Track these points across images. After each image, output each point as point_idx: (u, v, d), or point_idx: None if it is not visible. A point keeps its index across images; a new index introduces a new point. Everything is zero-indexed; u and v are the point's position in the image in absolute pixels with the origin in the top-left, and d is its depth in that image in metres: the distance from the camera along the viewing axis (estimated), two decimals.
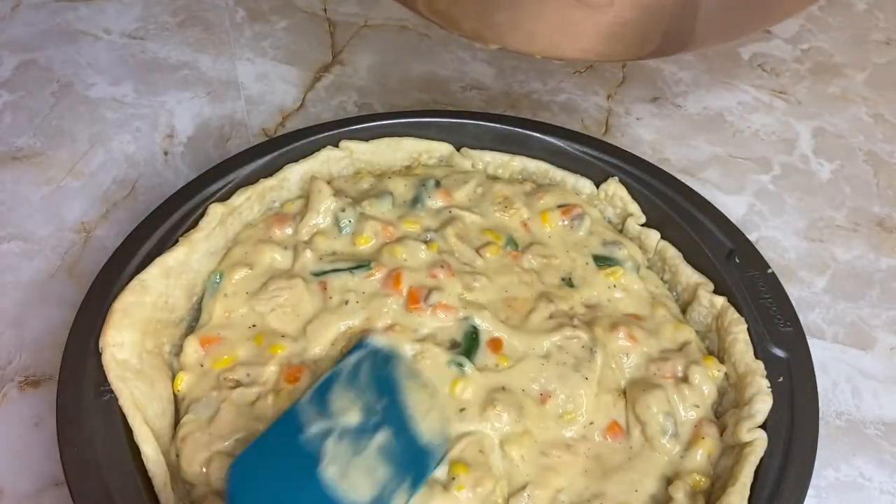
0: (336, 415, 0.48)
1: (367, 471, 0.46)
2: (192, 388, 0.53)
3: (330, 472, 0.45)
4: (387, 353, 0.53)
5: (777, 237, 0.72)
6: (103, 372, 0.50)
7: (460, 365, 0.53)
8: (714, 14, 0.51)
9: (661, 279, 0.63)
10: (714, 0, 0.50)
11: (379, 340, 0.53)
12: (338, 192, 0.63)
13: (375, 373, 0.51)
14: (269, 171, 0.63)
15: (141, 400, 0.50)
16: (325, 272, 0.58)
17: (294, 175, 0.64)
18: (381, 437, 0.48)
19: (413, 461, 0.48)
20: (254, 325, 0.56)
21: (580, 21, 0.50)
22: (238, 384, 0.53)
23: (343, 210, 0.61)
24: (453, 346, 0.55)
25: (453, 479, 0.48)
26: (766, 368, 0.54)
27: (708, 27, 0.52)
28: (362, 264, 0.58)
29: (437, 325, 0.56)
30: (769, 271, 0.59)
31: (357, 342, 0.53)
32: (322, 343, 0.54)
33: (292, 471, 0.45)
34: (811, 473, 0.49)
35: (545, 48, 0.54)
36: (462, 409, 0.52)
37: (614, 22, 0.49)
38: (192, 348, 0.55)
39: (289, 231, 0.61)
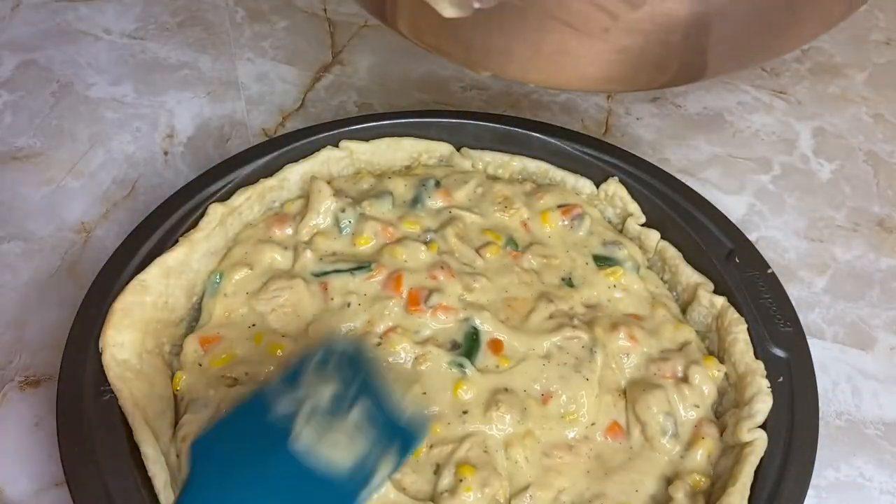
0: (307, 391, 0.43)
1: (346, 439, 0.42)
2: (190, 387, 0.53)
3: (302, 442, 0.41)
4: (354, 349, 0.48)
5: (777, 237, 0.72)
6: (103, 372, 0.50)
7: (461, 366, 0.53)
8: (726, 43, 0.48)
9: (661, 279, 0.63)
10: (726, 29, 0.46)
11: (342, 343, 0.50)
12: (338, 193, 0.63)
13: (347, 359, 0.46)
14: (269, 171, 0.63)
15: (141, 400, 0.50)
16: (325, 273, 0.58)
17: (294, 175, 0.64)
18: (359, 409, 0.43)
19: (396, 432, 0.44)
20: (254, 325, 0.56)
21: (578, 50, 0.47)
22: (236, 382, 0.53)
23: (343, 210, 0.61)
24: (454, 347, 0.55)
25: (460, 481, 0.48)
26: (766, 368, 0.54)
27: (721, 57, 0.49)
28: (363, 265, 0.58)
29: (438, 327, 0.56)
30: (769, 271, 0.59)
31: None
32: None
33: (258, 447, 0.42)
34: (811, 473, 0.49)
35: (543, 78, 0.52)
36: (465, 412, 0.52)
37: (614, 49, 0.47)
38: (192, 348, 0.54)
39: (289, 231, 0.61)
